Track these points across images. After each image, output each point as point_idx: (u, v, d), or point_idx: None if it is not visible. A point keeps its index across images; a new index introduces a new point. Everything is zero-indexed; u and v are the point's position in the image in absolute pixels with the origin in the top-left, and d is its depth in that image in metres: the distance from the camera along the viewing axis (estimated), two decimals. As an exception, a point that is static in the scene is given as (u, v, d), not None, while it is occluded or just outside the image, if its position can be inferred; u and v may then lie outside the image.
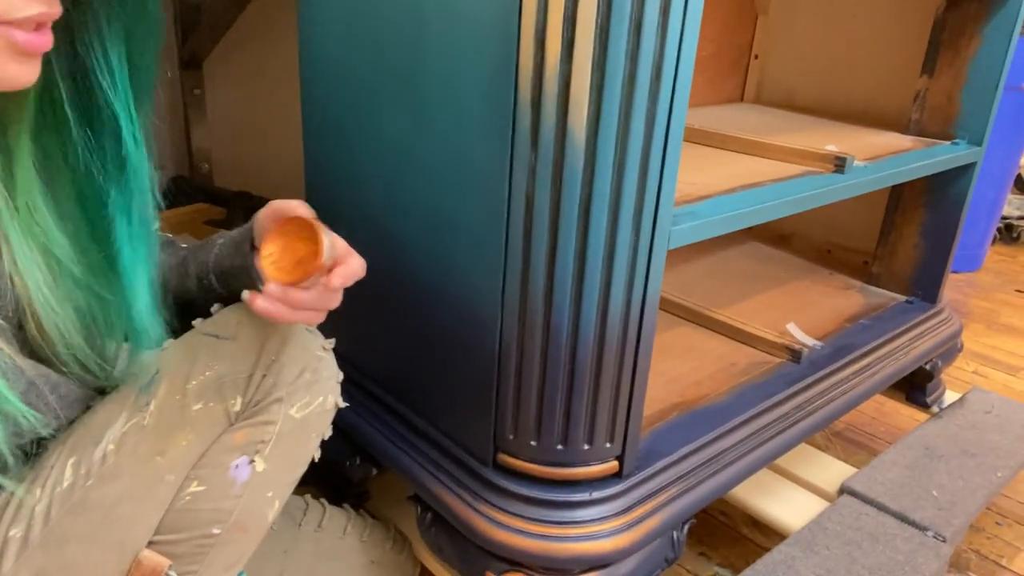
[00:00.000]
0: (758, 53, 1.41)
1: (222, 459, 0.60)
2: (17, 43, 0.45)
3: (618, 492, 0.75)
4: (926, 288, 1.22)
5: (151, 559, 0.58)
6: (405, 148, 0.74)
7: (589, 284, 0.65)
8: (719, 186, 0.83)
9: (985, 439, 1.10)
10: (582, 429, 0.72)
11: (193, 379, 0.60)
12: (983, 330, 1.83)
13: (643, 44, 0.58)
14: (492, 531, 0.73)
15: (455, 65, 0.66)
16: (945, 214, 1.16)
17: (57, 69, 0.52)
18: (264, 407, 0.61)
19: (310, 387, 0.63)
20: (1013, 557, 1.08)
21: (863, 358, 1.06)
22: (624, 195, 0.63)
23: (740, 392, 0.94)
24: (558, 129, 0.60)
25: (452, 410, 0.80)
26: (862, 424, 1.39)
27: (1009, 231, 2.47)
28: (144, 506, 0.58)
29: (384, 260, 0.82)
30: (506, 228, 0.65)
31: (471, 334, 0.73)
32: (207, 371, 0.60)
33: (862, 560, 0.86)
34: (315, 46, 0.82)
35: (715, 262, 1.35)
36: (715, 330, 1.10)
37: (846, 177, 0.91)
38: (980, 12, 1.06)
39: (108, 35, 0.53)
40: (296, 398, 0.62)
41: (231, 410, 0.61)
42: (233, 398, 0.60)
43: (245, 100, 1.72)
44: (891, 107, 1.24)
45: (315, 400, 0.63)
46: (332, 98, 0.82)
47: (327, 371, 0.65)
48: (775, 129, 1.16)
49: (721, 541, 1.10)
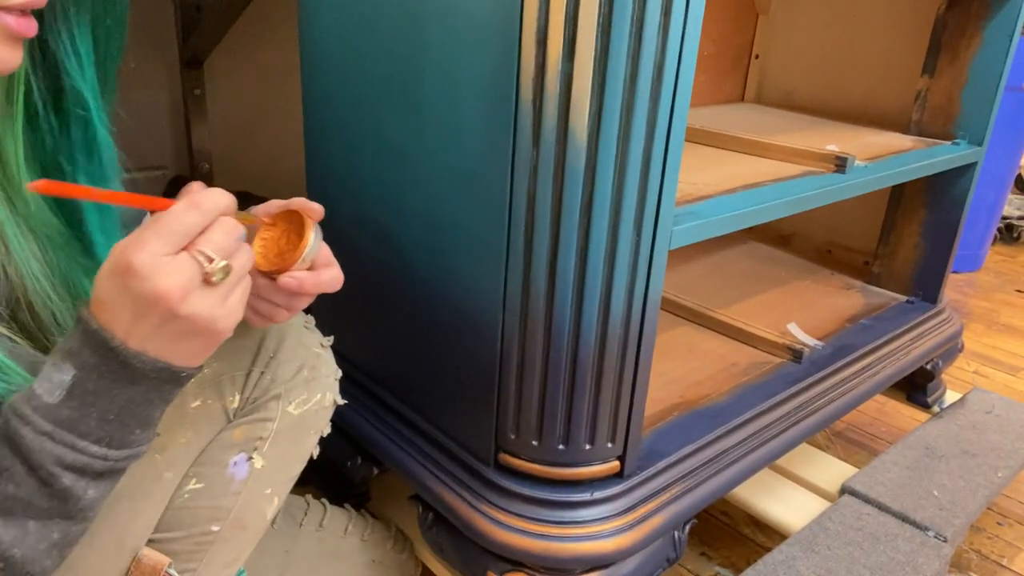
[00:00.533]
0: (759, 53, 1.41)
1: (220, 456, 0.60)
2: (9, 27, 0.45)
3: (619, 492, 0.75)
4: (927, 288, 1.22)
5: (151, 557, 0.58)
6: (406, 148, 0.74)
7: (591, 284, 0.65)
8: (720, 186, 0.83)
9: (986, 439, 1.10)
10: (583, 429, 0.72)
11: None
12: (984, 330, 1.83)
13: (645, 44, 0.58)
14: (493, 531, 0.73)
15: (456, 64, 0.66)
16: (946, 214, 1.16)
17: (28, 59, 0.52)
18: (262, 404, 0.61)
19: (308, 384, 0.63)
20: (1014, 557, 1.08)
21: (864, 358, 1.06)
22: (626, 195, 0.63)
23: (741, 392, 0.94)
24: (559, 129, 0.60)
25: (453, 410, 0.80)
26: (863, 424, 1.39)
27: (1009, 231, 2.47)
28: (143, 504, 0.58)
29: (385, 260, 0.82)
30: (507, 228, 0.65)
31: (472, 334, 0.73)
32: (205, 368, 0.59)
33: (863, 560, 0.86)
34: (316, 46, 0.82)
35: (716, 262, 1.35)
36: (716, 330, 1.10)
37: (847, 177, 0.91)
38: (981, 12, 1.07)
39: (76, 23, 0.53)
40: (294, 395, 0.62)
41: (229, 407, 0.61)
42: (231, 395, 0.60)
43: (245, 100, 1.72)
44: (891, 107, 1.24)
45: (313, 397, 0.63)
46: (333, 98, 0.82)
47: (325, 368, 0.65)
48: (776, 129, 1.16)
49: (722, 541, 1.10)
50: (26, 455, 0.44)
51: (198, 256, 0.43)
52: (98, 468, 0.46)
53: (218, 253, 0.44)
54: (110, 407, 0.45)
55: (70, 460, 0.44)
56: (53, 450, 0.44)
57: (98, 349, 0.44)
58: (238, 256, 0.45)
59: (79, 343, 0.44)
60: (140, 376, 0.45)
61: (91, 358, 0.44)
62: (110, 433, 0.45)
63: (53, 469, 0.44)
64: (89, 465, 0.45)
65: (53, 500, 0.45)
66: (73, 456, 0.44)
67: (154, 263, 0.42)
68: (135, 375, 0.44)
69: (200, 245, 0.43)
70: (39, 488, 0.45)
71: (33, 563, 0.46)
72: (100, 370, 0.44)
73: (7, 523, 0.45)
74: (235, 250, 0.45)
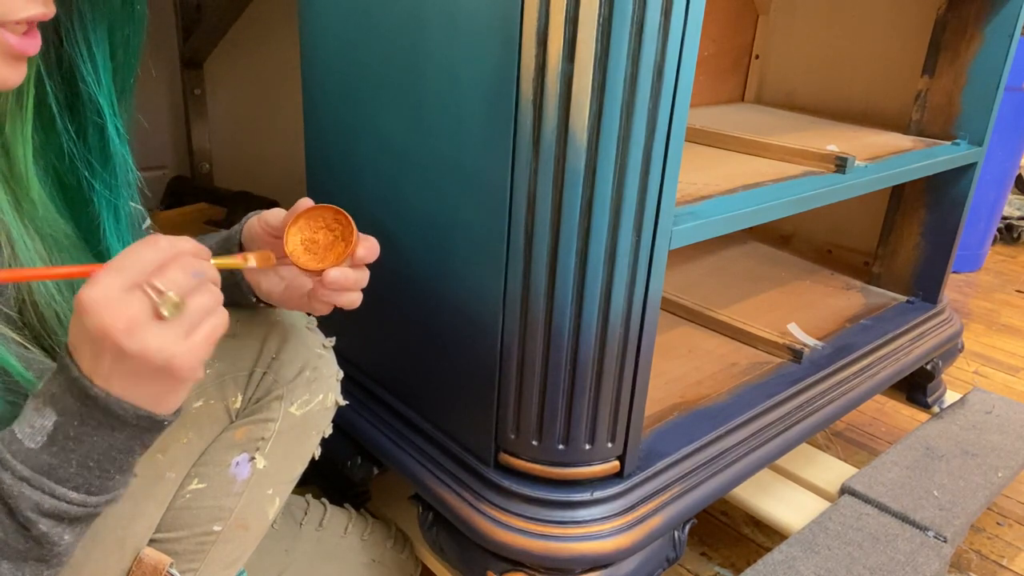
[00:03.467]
0: (759, 53, 1.41)
1: (222, 456, 0.61)
2: (11, 46, 0.45)
3: (619, 492, 0.75)
4: (927, 288, 1.22)
5: (152, 557, 0.58)
6: (406, 148, 0.75)
7: (591, 284, 0.65)
8: (720, 186, 0.83)
9: (986, 439, 1.11)
10: (583, 429, 0.72)
11: None
12: (984, 330, 1.83)
13: (645, 45, 0.58)
14: (493, 531, 0.73)
15: (456, 65, 0.66)
16: (946, 214, 1.16)
17: (43, 65, 0.53)
18: (264, 404, 0.61)
19: (310, 385, 0.63)
20: (1014, 557, 1.08)
21: (864, 358, 1.06)
22: (626, 195, 0.63)
23: (741, 392, 0.94)
24: (560, 129, 0.60)
25: (453, 410, 0.80)
26: (863, 424, 1.39)
27: (1009, 231, 2.47)
28: (145, 504, 0.58)
29: (385, 260, 0.82)
30: (507, 228, 0.65)
31: (473, 334, 0.73)
32: (207, 368, 0.59)
33: (863, 560, 0.86)
34: (316, 46, 0.83)
35: (716, 262, 1.35)
36: (716, 330, 1.10)
37: (847, 177, 0.91)
38: (981, 12, 1.07)
39: (93, 31, 0.53)
40: (296, 395, 0.62)
41: (231, 407, 0.61)
42: (234, 395, 0.60)
43: (245, 100, 1.72)
44: (892, 107, 1.24)
45: (315, 398, 0.64)
46: (333, 98, 0.82)
47: (327, 369, 0.65)
48: (776, 129, 1.16)
49: (722, 541, 1.10)
50: (3, 499, 0.44)
51: (148, 290, 0.42)
52: (75, 514, 0.45)
53: (171, 288, 0.42)
54: (90, 453, 0.44)
55: (48, 506, 0.44)
56: (31, 496, 0.44)
57: (79, 396, 0.43)
58: (198, 294, 0.44)
59: (61, 388, 0.44)
60: (121, 423, 0.44)
61: (72, 404, 0.43)
62: (89, 480, 0.45)
63: (30, 515, 0.44)
64: (67, 511, 0.45)
65: (29, 543, 0.45)
66: (51, 503, 0.44)
67: (103, 297, 0.41)
68: (116, 422, 0.44)
69: (152, 279, 0.42)
70: (16, 531, 0.44)
71: None
72: (81, 416, 0.43)
73: None
74: (193, 287, 0.43)
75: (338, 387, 0.67)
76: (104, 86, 0.55)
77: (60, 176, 0.56)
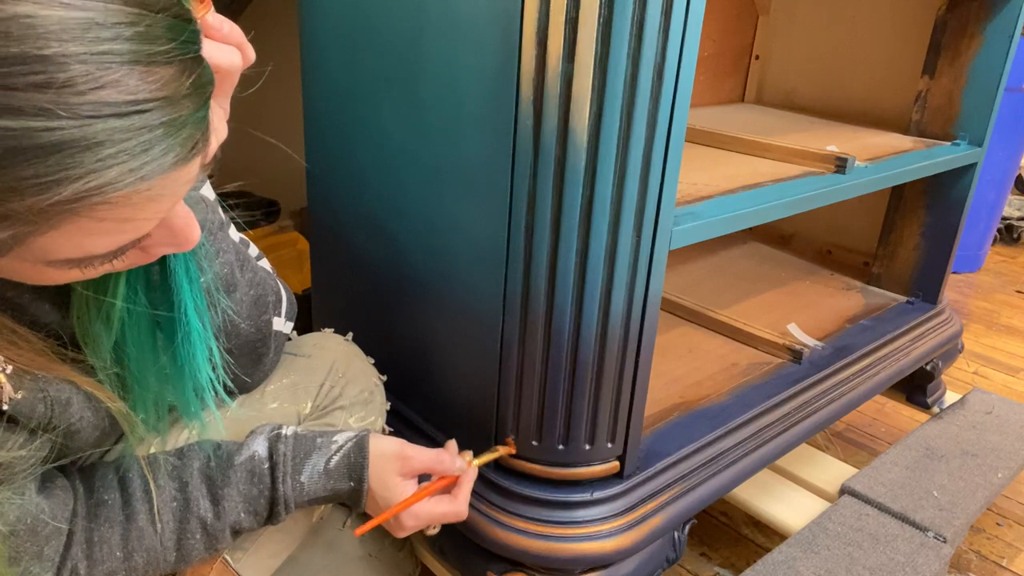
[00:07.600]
0: (759, 53, 1.41)
1: None
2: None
3: (619, 492, 0.75)
4: (927, 289, 1.22)
5: None
6: (406, 148, 0.74)
7: (591, 284, 0.65)
8: (720, 186, 0.83)
9: (985, 440, 1.11)
10: (583, 429, 0.72)
11: (271, 384, 0.68)
12: (983, 331, 1.83)
13: (645, 45, 0.58)
14: (493, 531, 0.73)
15: (456, 65, 0.66)
16: (946, 215, 1.16)
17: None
18: (329, 412, 0.70)
19: (367, 405, 0.73)
20: (1013, 558, 1.08)
21: (864, 359, 1.06)
22: (626, 195, 0.63)
23: (741, 392, 0.94)
24: (560, 130, 0.60)
25: (453, 410, 0.80)
26: (863, 425, 1.39)
27: (1009, 232, 2.48)
28: None
29: (384, 260, 0.83)
30: (508, 228, 0.65)
31: (472, 334, 0.73)
32: (284, 379, 0.69)
33: (863, 560, 0.86)
34: (316, 46, 0.83)
35: (716, 262, 1.35)
36: (716, 330, 1.10)
37: (847, 177, 0.91)
38: (981, 13, 1.07)
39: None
40: (356, 410, 0.72)
41: (301, 412, 0.69)
42: (304, 402, 0.69)
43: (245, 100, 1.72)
44: (892, 107, 1.24)
45: (369, 417, 0.73)
46: (333, 98, 0.82)
47: (380, 397, 0.75)
48: (776, 129, 1.16)
49: (722, 541, 1.10)
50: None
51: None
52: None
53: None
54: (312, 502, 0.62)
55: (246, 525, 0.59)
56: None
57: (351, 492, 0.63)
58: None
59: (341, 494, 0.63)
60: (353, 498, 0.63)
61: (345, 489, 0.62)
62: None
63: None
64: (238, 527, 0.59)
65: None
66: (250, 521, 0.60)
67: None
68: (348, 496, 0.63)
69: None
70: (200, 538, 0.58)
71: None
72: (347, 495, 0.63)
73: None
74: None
75: (385, 415, 0.76)
76: (195, 294, 0.52)
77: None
